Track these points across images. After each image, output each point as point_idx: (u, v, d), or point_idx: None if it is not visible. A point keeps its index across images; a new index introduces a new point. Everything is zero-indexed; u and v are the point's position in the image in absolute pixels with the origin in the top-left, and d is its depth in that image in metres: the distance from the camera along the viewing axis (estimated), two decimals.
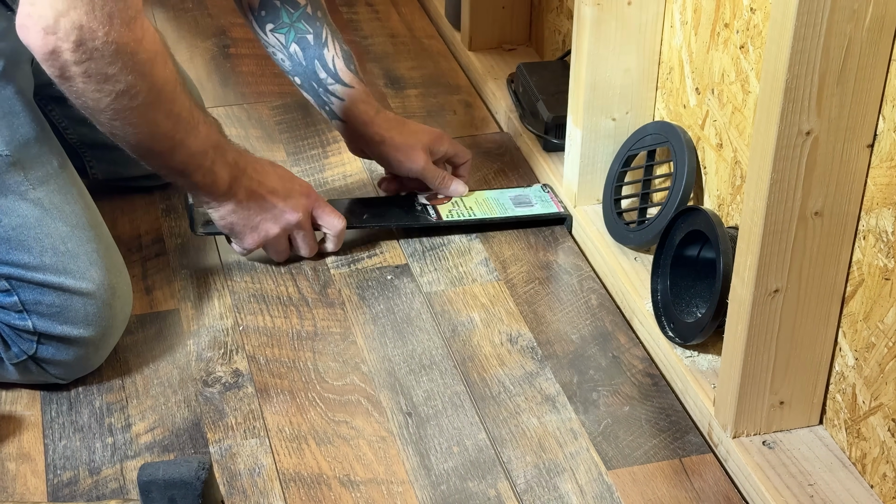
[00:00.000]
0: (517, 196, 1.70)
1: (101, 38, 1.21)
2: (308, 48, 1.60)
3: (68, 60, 1.21)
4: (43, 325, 1.35)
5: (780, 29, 1.10)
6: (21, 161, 1.35)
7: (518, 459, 1.32)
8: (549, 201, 1.69)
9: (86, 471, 1.30)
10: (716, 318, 1.35)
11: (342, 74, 1.61)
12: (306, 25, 1.59)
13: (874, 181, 1.17)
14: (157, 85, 1.28)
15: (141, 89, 1.27)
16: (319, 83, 1.61)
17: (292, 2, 1.58)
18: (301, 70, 1.61)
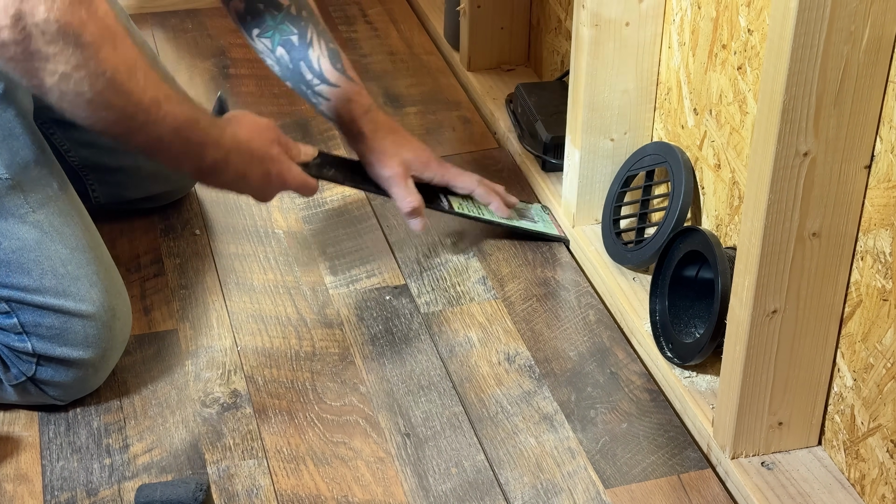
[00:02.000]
0: (520, 209, 1.71)
1: (41, 14, 1.13)
2: (293, 49, 1.55)
3: (6, 39, 1.14)
4: (42, 346, 1.35)
5: (778, 50, 1.10)
6: (21, 184, 1.34)
7: (516, 480, 1.31)
8: (549, 222, 1.70)
9: (83, 492, 1.30)
10: (714, 338, 1.35)
11: (327, 74, 1.55)
12: (290, 26, 1.54)
13: (871, 202, 1.17)
14: (105, 70, 1.19)
15: (87, 74, 1.18)
16: (307, 85, 1.57)
17: (275, 3, 1.54)
18: (289, 74, 1.57)
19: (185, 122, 1.29)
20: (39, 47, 1.15)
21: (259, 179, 1.40)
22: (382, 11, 2.35)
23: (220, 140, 1.35)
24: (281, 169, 1.43)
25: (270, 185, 1.42)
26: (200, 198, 1.78)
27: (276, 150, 1.42)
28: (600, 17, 1.52)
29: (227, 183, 1.38)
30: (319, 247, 1.68)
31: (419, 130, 1.96)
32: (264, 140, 1.41)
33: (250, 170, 1.39)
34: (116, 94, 1.21)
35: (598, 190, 1.64)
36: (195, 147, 1.32)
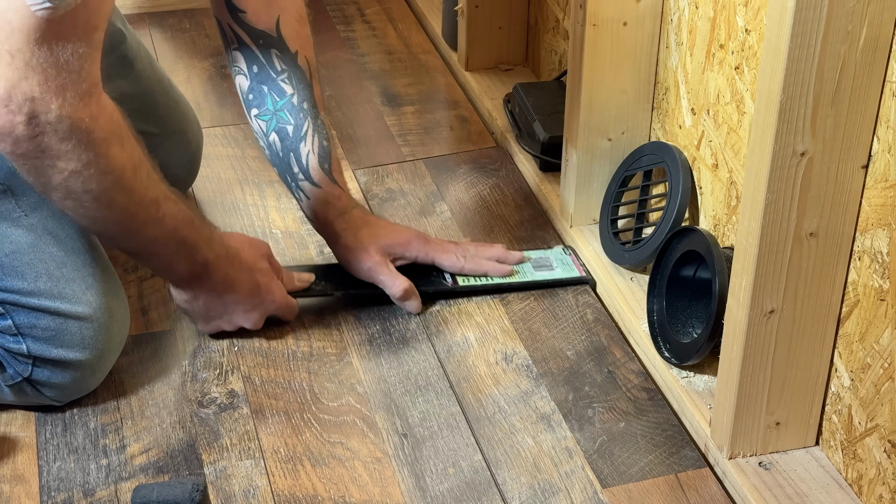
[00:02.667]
0: (537, 259, 1.61)
1: (54, 111, 1.15)
2: (286, 139, 1.51)
3: (21, 135, 1.15)
4: (38, 348, 1.35)
5: (775, 50, 1.10)
6: (12, 188, 1.34)
7: (513, 481, 1.31)
8: (570, 264, 1.60)
9: (80, 492, 1.30)
10: (711, 338, 1.35)
11: (312, 172, 1.51)
12: (289, 115, 1.50)
13: (869, 202, 1.17)
14: (114, 168, 1.21)
15: (96, 171, 1.20)
16: (292, 177, 1.53)
17: (279, 89, 1.50)
18: (277, 161, 1.53)
19: (182, 222, 1.33)
20: (52, 144, 1.16)
21: (247, 289, 1.44)
22: (380, 11, 2.35)
23: (211, 241, 1.39)
24: (269, 283, 1.46)
25: (258, 296, 1.45)
26: (198, 198, 1.78)
27: (266, 265, 1.46)
28: (598, 17, 1.52)
29: (215, 287, 1.41)
30: (317, 247, 1.68)
31: (417, 130, 1.96)
32: (254, 253, 1.45)
33: (239, 277, 1.42)
34: (122, 192, 1.23)
35: (596, 190, 1.64)
36: (188, 247, 1.35)
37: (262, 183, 1.81)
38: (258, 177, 1.83)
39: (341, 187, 1.54)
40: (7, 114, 1.14)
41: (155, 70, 1.69)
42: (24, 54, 1.12)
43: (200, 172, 1.80)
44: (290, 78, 1.51)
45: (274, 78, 1.50)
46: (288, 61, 1.51)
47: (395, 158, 1.88)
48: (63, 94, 1.15)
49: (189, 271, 1.38)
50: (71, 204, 1.23)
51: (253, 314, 1.47)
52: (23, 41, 1.12)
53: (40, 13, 1.11)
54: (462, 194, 1.80)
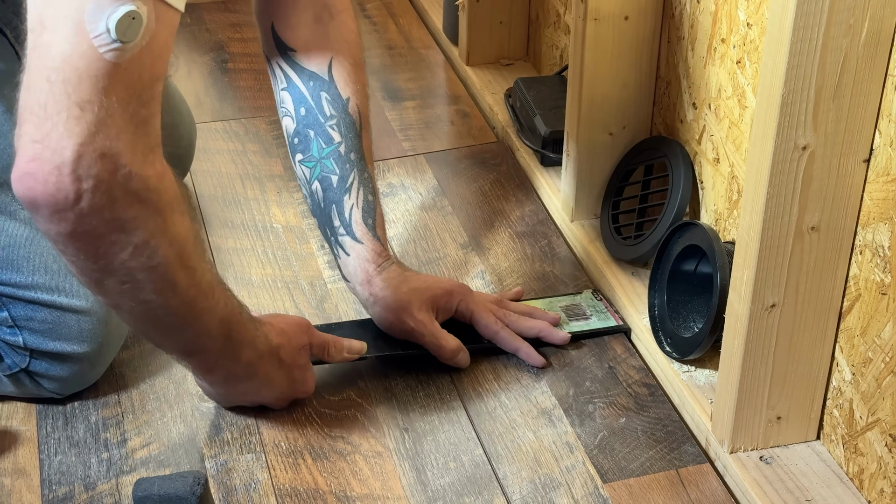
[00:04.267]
0: (569, 307, 1.53)
1: (124, 168, 0.99)
2: (329, 189, 1.42)
3: (85, 207, 0.99)
4: (34, 341, 1.35)
5: (777, 44, 1.10)
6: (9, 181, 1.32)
7: (514, 475, 1.31)
8: (604, 311, 1.52)
9: (81, 486, 1.30)
10: (713, 332, 1.35)
11: (355, 227, 1.42)
12: (334, 165, 1.41)
13: (870, 196, 1.17)
14: (177, 238, 1.06)
15: (162, 241, 1.04)
16: (332, 231, 1.43)
17: (326, 136, 1.41)
18: (318, 212, 1.44)
19: (230, 314, 1.21)
20: (120, 214, 1.00)
21: (284, 385, 1.34)
22: (381, 6, 2.35)
23: (255, 340, 1.27)
24: (304, 377, 1.36)
25: (293, 390, 1.36)
26: (198, 192, 1.78)
27: (305, 359, 1.35)
28: (599, 11, 1.52)
29: (253, 385, 1.32)
30: (318, 241, 1.67)
31: (418, 124, 1.95)
32: (295, 345, 1.33)
33: (278, 376, 1.33)
34: (184, 270, 1.09)
35: (597, 185, 1.64)
36: (234, 345, 1.23)
37: (263, 177, 1.81)
38: (259, 171, 1.83)
39: (383, 244, 1.44)
40: (73, 181, 0.98)
41: None
42: (94, 106, 0.98)
43: (201, 167, 1.80)
44: (339, 125, 1.42)
45: (322, 123, 1.42)
46: (338, 107, 1.42)
47: (396, 153, 1.88)
48: (133, 151, 1.00)
49: (229, 372, 1.28)
50: (129, 290, 1.07)
51: (282, 403, 1.38)
52: (92, 90, 0.98)
53: (108, 55, 0.99)
54: (463, 189, 1.80)
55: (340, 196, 1.42)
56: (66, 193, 0.98)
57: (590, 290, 1.58)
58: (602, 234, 1.62)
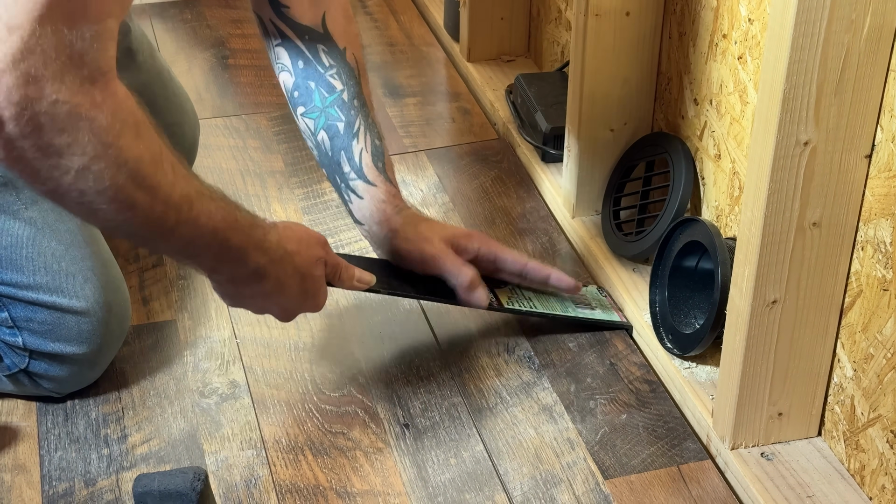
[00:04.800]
0: (575, 296, 1.52)
1: (48, 96, 0.98)
2: (336, 137, 1.42)
3: (12, 133, 0.98)
4: (34, 342, 1.34)
5: (778, 39, 1.09)
6: (13, 180, 1.32)
7: (515, 471, 1.31)
8: (608, 307, 1.53)
9: (81, 482, 1.30)
10: (714, 329, 1.35)
11: (367, 170, 1.42)
12: (339, 112, 1.42)
13: (872, 192, 1.17)
14: (128, 160, 1.04)
15: (107, 164, 1.03)
16: (343, 178, 1.44)
17: (328, 85, 1.42)
18: (326, 161, 1.45)
19: (223, 223, 1.17)
20: (51, 139, 1.00)
21: (296, 294, 1.29)
22: (382, 2, 2.35)
23: (264, 243, 1.23)
24: (318, 291, 1.31)
25: (304, 302, 1.31)
26: None
27: (320, 272, 1.31)
28: (600, 7, 1.51)
29: (263, 289, 1.26)
30: None
31: (419, 121, 1.95)
32: (310, 256, 1.29)
33: (290, 283, 1.27)
34: (141, 189, 1.07)
35: (598, 181, 1.64)
36: (234, 251, 1.20)
37: (264, 173, 1.81)
38: (259, 167, 1.83)
39: (395, 186, 1.45)
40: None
41: (156, 62, 1.68)
42: (23, 31, 0.97)
43: (202, 163, 1.80)
44: (339, 74, 1.43)
45: (322, 73, 1.42)
46: (336, 57, 1.43)
47: (397, 150, 1.88)
48: (61, 79, 0.99)
49: (234, 275, 1.23)
50: (88, 208, 1.07)
51: (290, 313, 1.32)
52: (24, 16, 0.97)
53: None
54: (464, 185, 1.79)
55: (349, 142, 1.42)
56: None
57: (595, 285, 1.58)
58: (603, 231, 1.62)
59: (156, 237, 1.13)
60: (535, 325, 1.51)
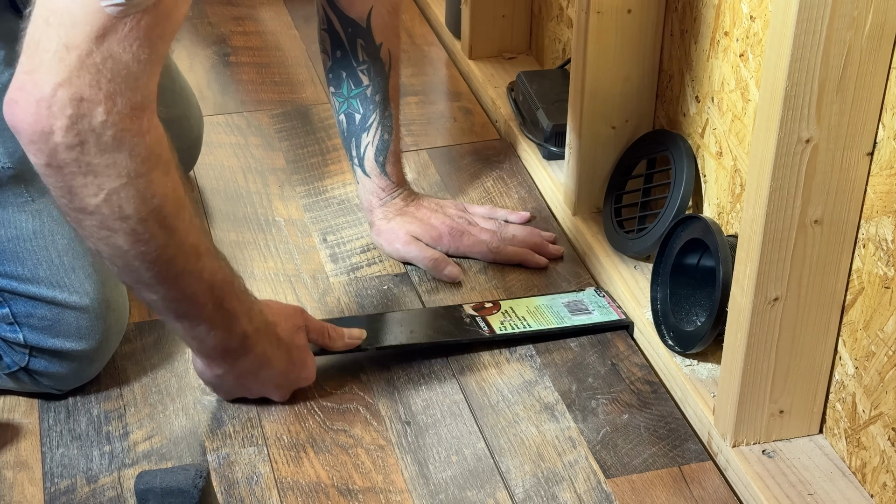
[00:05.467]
0: (571, 302, 1.54)
1: (99, 116, 1.04)
2: (352, 124, 1.61)
3: (59, 143, 1.04)
4: (34, 337, 1.34)
5: (780, 37, 1.09)
6: (23, 173, 1.33)
7: (517, 469, 1.31)
8: (606, 307, 1.53)
9: (83, 479, 1.30)
10: (715, 326, 1.35)
11: (366, 163, 1.62)
12: (359, 104, 1.60)
13: (874, 189, 1.17)
14: (155, 194, 1.09)
15: (136, 193, 1.08)
16: (351, 159, 1.64)
17: (356, 78, 1.58)
18: (343, 139, 1.64)
19: (222, 282, 1.22)
20: (91, 157, 1.05)
21: (283, 366, 1.34)
22: None
23: (251, 312, 1.27)
24: (305, 360, 1.36)
25: (293, 373, 1.36)
26: (200, 186, 1.78)
27: (302, 340, 1.36)
28: (602, 5, 1.51)
29: (251, 363, 1.30)
30: (320, 234, 1.67)
31: (420, 120, 1.95)
32: (291, 326, 1.34)
33: (276, 355, 1.32)
34: (161, 227, 1.11)
35: (599, 178, 1.64)
36: (226, 314, 1.24)
37: (265, 171, 1.81)
38: (261, 165, 1.83)
39: (390, 178, 1.63)
40: (48, 116, 1.03)
41: None
42: (80, 51, 1.02)
43: (203, 160, 1.80)
44: (369, 70, 1.58)
45: (354, 67, 1.58)
46: (371, 52, 1.57)
47: None
48: (113, 101, 1.04)
49: (223, 343, 1.27)
50: (106, 236, 1.10)
51: (284, 391, 1.37)
52: (82, 37, 1.02)
53: (109, 9, 1.02)
54: (465, 184, 1.79)
55: (360, 133, 1.61)
56: (41, 126, 1.03)
57: (592, 287, 1.58)
58: (604, 228, 1.62)
59: (159, 281, 1.16)
60: None
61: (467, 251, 1.61)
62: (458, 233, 1.61)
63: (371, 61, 1.58)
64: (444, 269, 1.58)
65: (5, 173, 1.33)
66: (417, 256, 1.59)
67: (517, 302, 1.53)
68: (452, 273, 1.58)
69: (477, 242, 1.61)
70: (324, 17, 1.56)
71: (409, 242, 1.60)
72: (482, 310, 1.51)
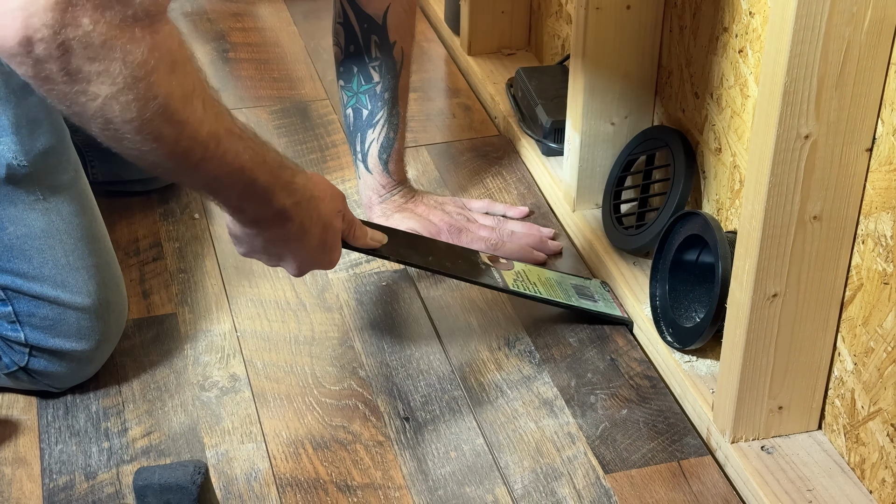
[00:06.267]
0: (579, 286, 1.54)
1: (84, 26, 0.98)
2: (359, 120, 1.62)
3: (41, 55, 0.98)
4: (35, 337, 1.34)
5: (779, 32, 1.09)
6: (37, 172, 1.33)
7: (515, 464, 1.31)
8: (611, 301, 1.53)
9: (82, 475, 1.30)
10: (714, 322, 1.35)
11: (370, 159, 1.63)
12: (367, 101, 1.60)
13: (873, 185, 1.17)
14: (157, 95, 1.04)
15: (135, 97, 1.03)
16: (355, 153, 1.65)
17: (367, 75, 1.59)
18: (348, 132, 1.65)
19: (250, 162, 1.17)
20: (81, 65, 0.99)
21: (316, 244, 1.29)
22: None
23: (291, 186, 1.23)
24: (335, 246, 1.32)
25: (322, 255, 1.31)
26: None
27: (339, 225, 1.32)
28: (601, 1, 1.51)
29: (285, 234, 1.25)
30: None
31: (419, 116, 1.95)
32: (333, 208, 1.30)
33: (313, 231, 1.27)
34: (168, 124, 1.07)
35: (599, 174, 1.64)
36: (260, 191, 1.20)
37: None
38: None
39: (391, 176, 1.64)
40: (29, 27, 0.96)
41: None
42: None
43: None
44: (381, 67, 1.59)
45: (366, 63, 1.59)
46: (384, 50, 1.58)
47: None
48: (101, 12, 0.98)
49: (258, 215, 1.23)
50: (112, 135, 1.06)
51: (305, 268, 1.31)
52: None
53: None
54: (465, 181, 1.79)
55: (366, 129, 1.62)
56: (22, 35, 0.96)
57: (598, 280, 1.58)
58: (604, 224, 1.62)
59: (180, 170, 1.13)
60: (536, 319, 1.51)
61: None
62: (456, 230, 1.61)
63: (383, 58, 1.58)
64: None
65: (20, 171, 1.32)
66: None
67: (530, 268, 1.54)
68: None
69: (476, 239, 1.61)
70: (340, 10, 1.56)
71: None
72: (497, 263, 1.52)
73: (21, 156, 1.31)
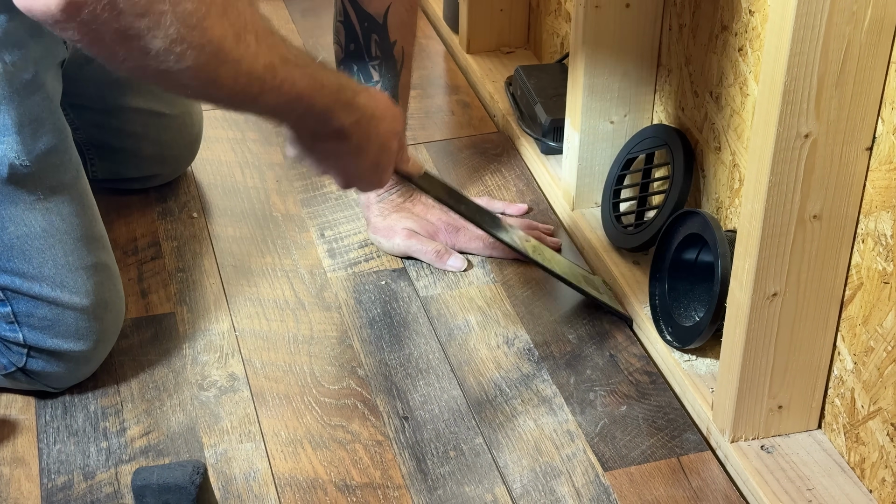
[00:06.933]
0: (586, 276, 1.55)
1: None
2: None
3: (88, 17, 0.96)
4: (33, 337, 1.34)
5: (779, 31, 1.09)
6: (39, 172, 1.33)
7: (514, 463, 1.31)
8: (613, 298, 1.54)
9: (80, 475, 1.29)
10: (714, 321, 1.35)
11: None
12: None
13: (873, 184, 1.17)
14: (211, 40, 1.03)
15: (189, 46, 1.01)
16: None
17: (367, 73, 1.56)
18: None
19: (307, 88, 1.17)
20: (131, 23, 0.98)
21: (369, 164, 1.28)
22: None
23: (351, 105, 1.22)
24: (388, 168, 1.32)
25: (373, 175, 1.31)
26: (198, 180, 1.77)
27: (394, 147, 1.31)
28: None
29: (341, 150, 1.25)
30: (317, 230, 1.67)
31: (418, 114, 1.95)
32: (390, 129, 1.29)
33: (368, 150, 1.27)
34: (224, 64, 1.06)
35: (598, 173, 1.64)
36: (319, 113, 1.20)
37: (263, 166, 1.81)
38: (258, 159, 1.82)
39: None
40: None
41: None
42: None
43: (201, 155, 1.80)
44: (381, 66, 1.56)
45: (366, 62, 1.56)
46: (384, 49, 1.55)
47: None
48: None
49: (315, 133, 1.23)
50: (173, 83, 1.07)
51: (352, 184, 1.32)
52: None
53: None
54: (464, 178, 1.79)
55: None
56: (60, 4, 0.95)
57: (600, 277, 1.58)
58: (603, 223, 1.62)
59: (240, 104, 1.15)
60: (535, 317, 1.51)
61: (464, 247, 1.61)
62: (454, 228, 1.61)
63: (383, 57, 1.56)
64: (448, 260, 1.59)
65: (22, 171, 1.32)
66: (420, 249, 1.60)
67: (544, 248, 1.55)
68: (455, 263, 1.59)
69: (474, 237, 1.61)
70: (341, 8, 1.54)
71: (409, 237, 1.60)
72: None
73: (23, 155, 1.31)
